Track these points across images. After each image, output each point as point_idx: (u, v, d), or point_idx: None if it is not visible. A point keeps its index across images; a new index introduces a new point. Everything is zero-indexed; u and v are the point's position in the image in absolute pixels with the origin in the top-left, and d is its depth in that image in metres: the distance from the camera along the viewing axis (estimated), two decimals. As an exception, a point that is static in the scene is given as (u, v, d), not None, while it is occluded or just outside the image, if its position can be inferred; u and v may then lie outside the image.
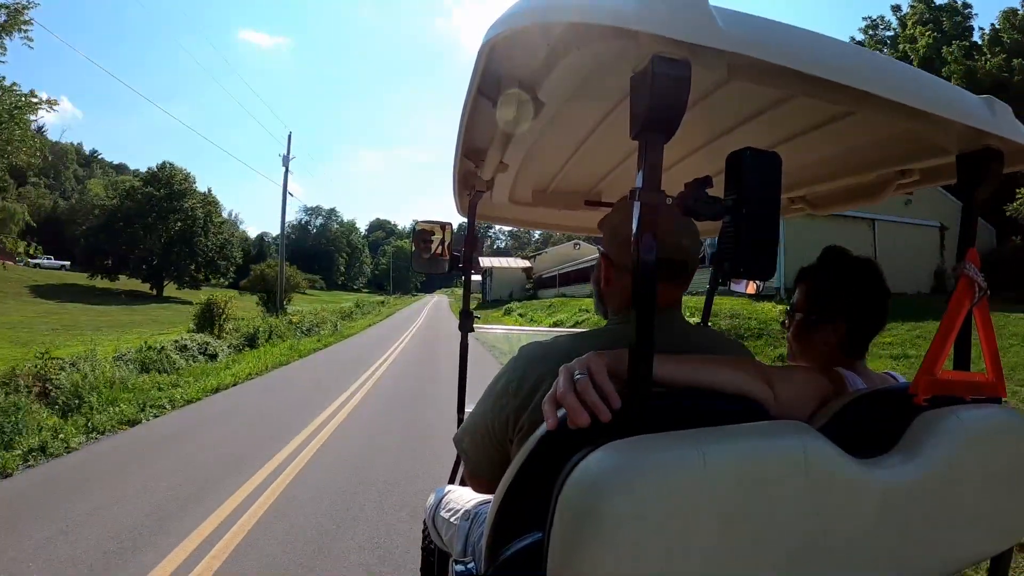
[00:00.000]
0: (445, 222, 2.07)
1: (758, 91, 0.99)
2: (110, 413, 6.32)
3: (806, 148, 1.29)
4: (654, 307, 0.69)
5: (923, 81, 0.83)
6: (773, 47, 0.68)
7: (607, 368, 0.76)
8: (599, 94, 1.05)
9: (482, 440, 1.09)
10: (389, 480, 4.40)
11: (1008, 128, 0.90)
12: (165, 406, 7.12)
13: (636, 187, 0.68)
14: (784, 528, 0.71)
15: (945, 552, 0.90)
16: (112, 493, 4.03)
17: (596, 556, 0.62)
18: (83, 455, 5.12)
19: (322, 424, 6.25)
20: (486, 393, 1.09)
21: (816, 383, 1.03)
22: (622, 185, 1.82)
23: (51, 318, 22.21)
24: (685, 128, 0.69)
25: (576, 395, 0.74)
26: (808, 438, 0.75)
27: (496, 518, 0.86)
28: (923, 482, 0.85)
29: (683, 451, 0.66)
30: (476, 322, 2.08)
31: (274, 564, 3.04)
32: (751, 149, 0.70)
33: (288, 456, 5.00)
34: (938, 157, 1.21)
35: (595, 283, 1.22)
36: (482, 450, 1.10)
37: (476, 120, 1.21)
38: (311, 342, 16.55)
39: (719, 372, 0.87)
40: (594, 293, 1.27)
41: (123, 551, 3.14)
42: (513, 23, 0.81)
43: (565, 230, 2.64)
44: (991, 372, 0.99)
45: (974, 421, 0.93)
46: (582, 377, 0.75)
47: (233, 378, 9.41)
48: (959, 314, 0.93)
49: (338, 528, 3.50)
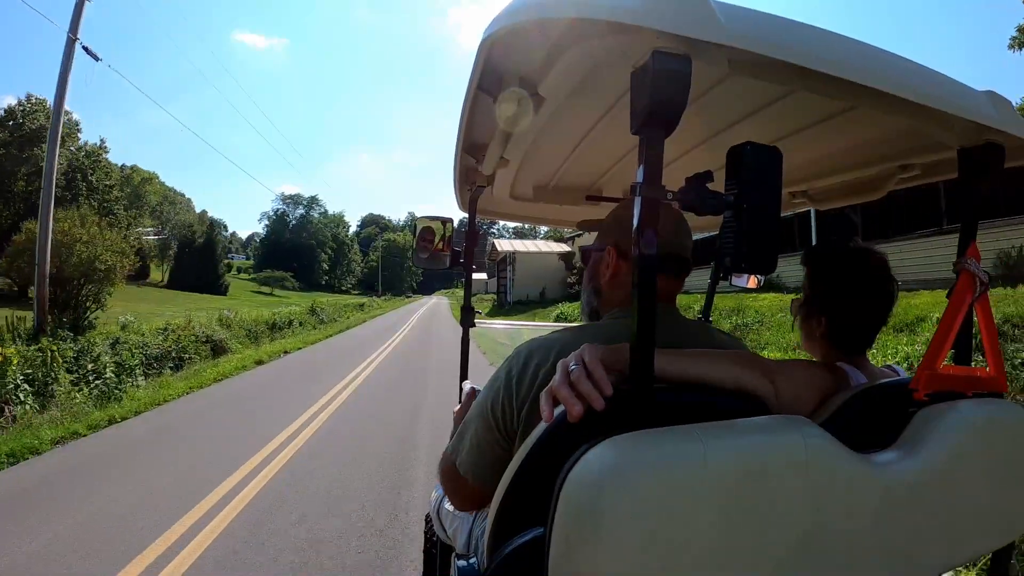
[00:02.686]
0: (446, 217, 2.08)
1: (759, 86, 0.98)
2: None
3: (807, 143, 1.29)
4: (655, 301, 0.69)
5: (924, 75, 0.83)
6: (774, 42, 0.68)
7: (601, 360, 0.77)
8: (600, 89, 1.04)
9: (479, 444, 1.06)
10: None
11: (1010, 123, 0.89)
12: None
13: (637, 182, 0.68)
14: (785, 523, 0.71)
15: (947, 547, 0.90)
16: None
17: (597, 552, 0.62)
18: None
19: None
20: (483, 392, 1.08)
21: (818, 378, 1.03)
22: (623, 180, 1.82)
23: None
24: (686, 123, 0.69)
25: (570, 386, 0.75)
26: (809, 433, 0.75)
27: (498, 514, 0.87)
28: (924, 477, 0.85)
29: (684, 446, 0.66)
30: (477, 317, 2.10)
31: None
32: (752, 144, 0.70)
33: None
34: (939, 152, 1.21)
35: (591, 277, 1.21)
36: (477, 453, 1.07)
37: (476, 116, 1.21)
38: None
39: (718, 367, 0.87)
40: (586, 288, 1.25)
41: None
42: (513, 19, 0.80)
43: (566, 226, 2.65)
44: (992, 367, 0.99)
45: (975, 415, 0.93)
46: (576, 368, 0.76)
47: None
48: (960, 309, 0.93)
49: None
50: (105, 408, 6.93)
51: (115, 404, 7.19)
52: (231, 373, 10.18)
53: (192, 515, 3.68)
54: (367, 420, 6.48)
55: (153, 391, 8.12)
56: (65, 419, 6.27)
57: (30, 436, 5.49)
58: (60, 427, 5.93)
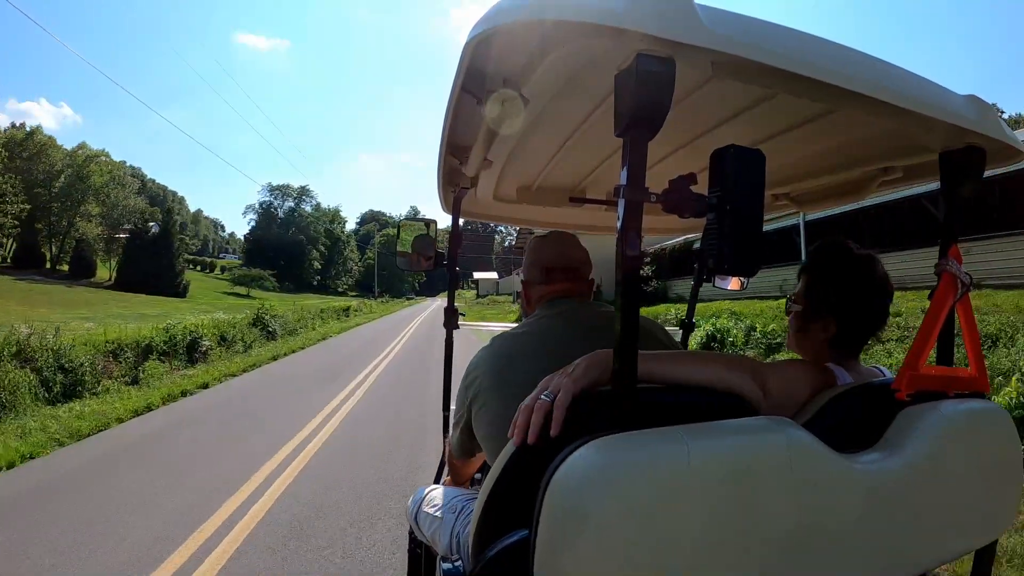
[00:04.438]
0: (430, 219, 2.08)
1: (742, 89, 0.99)
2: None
3: (790, 145, 1.30)
4: (638, 303, 0.70)
5: (906, 79, 0.84)
6: (757, 45, 0.68)
7: (584, 388, 0.79)
8: (584, 91, 1.04)
9: (465, 442, 1.35)
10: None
11: (991, 127, 0.90)
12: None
13: (621, 184, 0.68)
14: (769, 523, 0.71)
15: (929, 546, 0.91)
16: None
17: (582, 554, 0.62)
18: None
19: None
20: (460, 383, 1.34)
21: (808, 378, 1.03)
22: (606, 182, 1.82)
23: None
24: (669, 125, 0.69)
25: (530, 413, 0.78)
26: (792, 433, 0.75)
27: (482, 515, 0.86)
28: (906, 476, 0.85)
29: (668, 447, 0.66)
30: (461, 319, 2.10)
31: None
32: (735, 147, 0.70)
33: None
34: (921, 155, 1.22)
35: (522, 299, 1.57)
36: (465, 449, 1.39)
37: (460, 116, 1.20)
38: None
39: (704, 369, 0.87)
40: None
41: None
42: (499, 20, 0.80)
43: (550, 227, 2.64)
44: (974, 367, 1.00)
45: (956, 415, 0.94)
46: (544, 400, 0.79)
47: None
48: (942, 310, 0.94)
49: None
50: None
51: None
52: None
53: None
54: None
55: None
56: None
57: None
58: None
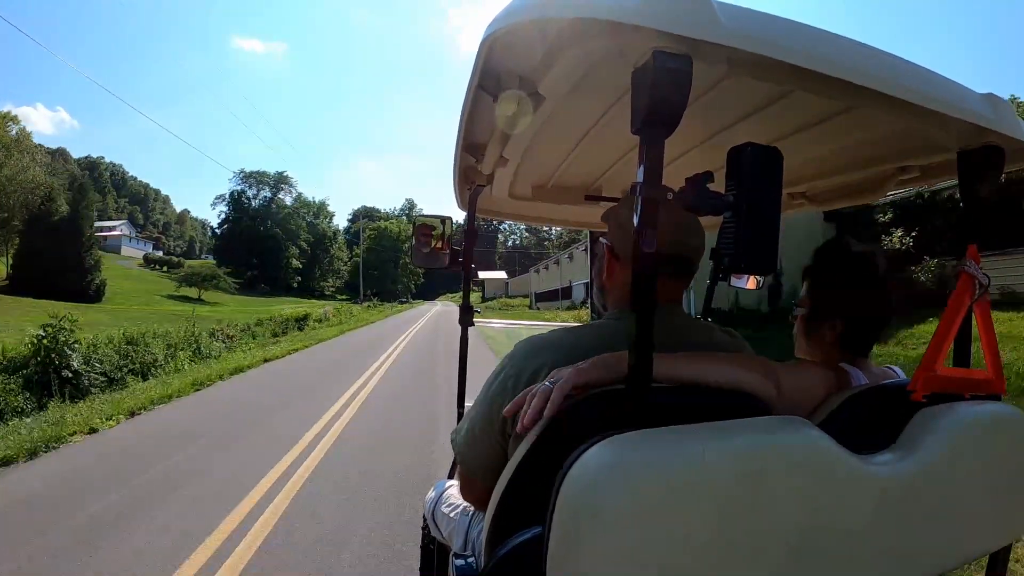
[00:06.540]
0: (445, 216, 2.09)
1: (759, 86, 0.98)
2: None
3: (807, 144, 1.29)
4: (654, 303, 0.68)
5: (924, 77, 0.83)
6: (774, 42, 0.68)
7: (587, 382, 0.80)
8: (600, 89, 1.04)
9: (477, 438, 1.05)
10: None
11: (1009, 125, 0.89)
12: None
13: (637, 182, 0.68)
14: (783, 524, 0.71)
15: (944, 548, 0.90)
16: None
17: (596, 552, 0.62)
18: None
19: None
20: (483, 389, 1.07)
21: (822, 379, 1.03)
22: (623, 180, 1.82)
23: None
24: (686, 123, 0.69)
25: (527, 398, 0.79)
26: (807, 434, 0.75)
27: (496, 512, 0.87)
28: (922, 478, 0.85)
29: (682, 446, 0.66)
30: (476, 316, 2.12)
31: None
32: (752, 144, 0.70)
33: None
34: (939, 154, 1.21)
35: (596, 275, 1.22)
36: (476, 448, 1.06)
37: (476, 115, 1.21)
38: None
39: (718, 369, 0.87)
40: (593, 286, 1.26)
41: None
42: (513, 19, 0.80)
43: (565, 225, 2.65)
44: (991, 369, 0.99)
45: (972, 417, 0.93)
46: (546, 387, 0.79)
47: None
48: (959, 311, 0.93)
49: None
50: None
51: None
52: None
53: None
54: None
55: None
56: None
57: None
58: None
